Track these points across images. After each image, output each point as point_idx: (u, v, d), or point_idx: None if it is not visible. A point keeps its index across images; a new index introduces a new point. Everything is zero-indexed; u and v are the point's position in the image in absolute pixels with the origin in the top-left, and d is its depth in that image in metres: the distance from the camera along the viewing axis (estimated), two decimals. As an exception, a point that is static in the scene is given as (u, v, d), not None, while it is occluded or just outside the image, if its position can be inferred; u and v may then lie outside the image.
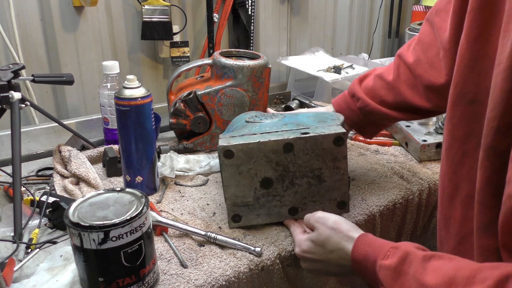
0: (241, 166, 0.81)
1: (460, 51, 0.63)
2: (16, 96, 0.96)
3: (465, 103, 0.63)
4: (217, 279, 0.74)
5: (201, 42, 1.67)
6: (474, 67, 0.60)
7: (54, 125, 1.23)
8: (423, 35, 0.91)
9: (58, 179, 1.02)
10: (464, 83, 0.62)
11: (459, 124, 0.64)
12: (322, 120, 0.89)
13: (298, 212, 0.86)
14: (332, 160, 0.83)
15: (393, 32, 2.31)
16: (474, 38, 0.60)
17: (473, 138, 0.62)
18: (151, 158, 0.95)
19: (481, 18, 0.59)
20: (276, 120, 0.92)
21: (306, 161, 0.82)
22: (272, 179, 0.83)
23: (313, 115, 0.93)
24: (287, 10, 1.89)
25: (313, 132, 0.81)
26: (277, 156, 0.81)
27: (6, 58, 1.29)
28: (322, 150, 0.82)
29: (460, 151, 0.65)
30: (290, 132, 0.83)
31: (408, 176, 1.08)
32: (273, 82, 1.60)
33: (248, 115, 0.98)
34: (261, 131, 0.85)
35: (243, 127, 0.91)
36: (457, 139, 0.65)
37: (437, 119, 1.23)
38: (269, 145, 0.80)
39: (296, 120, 0.90)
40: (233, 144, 0.80)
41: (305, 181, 0.84)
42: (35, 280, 0.71)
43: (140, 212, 0.65)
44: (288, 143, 0.81)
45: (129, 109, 0.89)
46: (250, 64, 1.13)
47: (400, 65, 0.95)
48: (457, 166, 0.66)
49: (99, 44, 1.45)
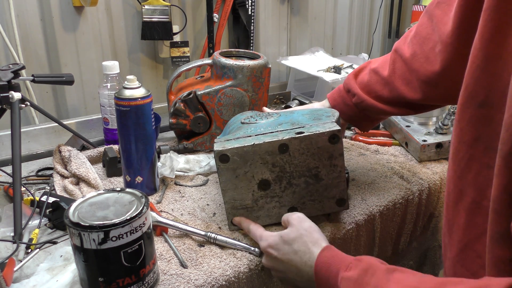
0: (238, 170, 0.81)
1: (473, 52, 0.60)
2: (16, 96, 0.96)
3: (475, 106, 0.60)
4: (217, 279, 0.74)
5: (201, 42, 1.67)
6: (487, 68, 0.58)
7: (54, 125, 1.23)
8: (420, 27, 0.89)
9: (58, 179, 1.02)
10: (475, 85, 0.60)
11: (467, 128, 0.62)
12: (317, 118, 0.88)
13: (298, 212, 0.86)
14: (328, 158, 0.82)
15: (393, 32, 2.31)
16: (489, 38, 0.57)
17: (481, 142, 0.60)
18: (151, 158, 0.95)
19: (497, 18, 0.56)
20: (271, 120, 0.92)
21: (302, 160, 0.82)
22: (269, 180, 0.83)
23: (308, 113, 0.93)
24: (287, 10, 1.89)
25: (307, 131, 0.81)
26: (273, 158, 0.81)
27: (6, 58, 1.29)
28: (318, 149, 0.81)
29: (467, 155, 0.63)
30: (285, 133, 0.83)
31: (408, 176, 1.08)
32: (273, 82, 1.60)
33: (243, 116, 0.98)
34: (256, 133, 0.85)
35: (239, 128, 0.91)
36: (464, 143, 0.63)
37: (437, 119, 1.23)
38: (264, 147, 0.80)
39: (291, 118, 0.90)
40: (228, 148, 0.80)
41: (303, 180, 0.84)
42: (35, 280, 0.71)
43: (140, 212, 0.65)
44: (283, 144, 0.80)
45: (129, 110, 0.89)
46: (250, 64, 1.13)
47: (396, 60, 0.93)
48: (463, 171, 0.64)
49: (99, 44, 1.45)
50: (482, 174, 0.59)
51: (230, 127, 0.96)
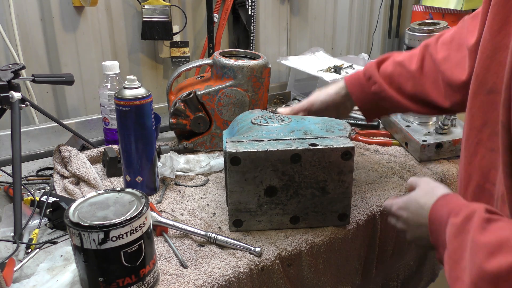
0: (247, 173, 0.81)
1: (483, 43, 0.64)
2: (16, 96, 0.96)
3: (484, 92, 0.64)
4: (217, 279, 0.74)
5: (201, 42, 1.67)
6: (495, 58, 0.62)
7: (54, 125, 1.23)
8: (457, 34, 0.90)
9: (58, 179, 1.02)
10: (485, 74, 0.64)
11: (477, 114, 0.65)
12: (330, 129, 0.90)
13: (299, 221, 0.86)
14: (338, 173, 0.83)
15: (393, 32, 2.31)
16: (497, 30, 0.62)
17: (488, 127, 0.62)
18: (151, 158, 0.95)
19: (503, 11, 0.61)
20: (283, 124, 0.92)
21: (312, 172, 0.82)
22: (277, 187, 0.83)
23: (320, 122, 0.94)
24: (287, 10, 1.89)
25: (321, 145, 0.81)
26: (284, 166, 0.81)
27: (6, 58, 1.29)
28: (329, 163, 0.82)
29: (476, 140, 0.65)
30: (298, 142, 0.83)
31: (408, 176, 1.08)
32: (273, 82, 1.60)
33: (253, 115, 0.97)
34: (268, 137, 0.86)
35: (249, 129, 0.91)
36: (474, 128, 0.66)
37: (437, 119, 1.23)
38: (276, 154, 0.80)
39: (303, 126, 0.91)
40: (241, 151, 0.80)
41: (309, 192, 0.84)
42: (35, 280, 0.71)
43: (140, 212, 0.65)
44: (296, 154, 0.81)
45: (129, 109, 0.89)
46: (250, 64, 1.13)
47: (425, 57, 0.93)
48: (472, 156, 0.66)
49: (99, 44, 1.45)
50: (486, 157, 0.62)
51: (239, 125, 0.96)
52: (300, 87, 1.73)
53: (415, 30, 1.23)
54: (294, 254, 0.82)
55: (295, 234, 0.86)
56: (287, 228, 0.87)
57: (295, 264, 0.83)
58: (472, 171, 0.66)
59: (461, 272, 0.56)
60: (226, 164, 0.82)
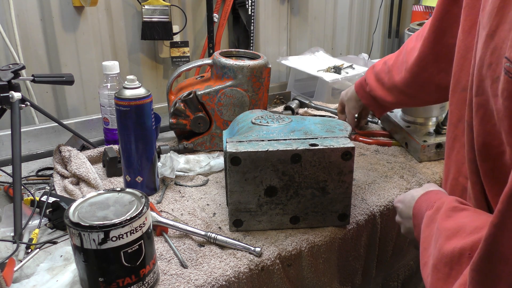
0: (247, 173, 0.81)
1: (458, 43, 0.67)
2: (16, 96, 0.96)
3: (459, 90, 0.67)
4: (217, 279, 0.74)
5: (201, 42, 1.67)
6: (467, 57, 0.65)
7: (54, 125, 1.23)
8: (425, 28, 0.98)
9: (58, 179, 1.02)
10: (460, 72, 0.67)
11: (454, 111, 0.69)
12: (330, 130, 0.90)
13: (299, 221, 0.86)
14: (338, 174, 0.83)
15: (393, 32, 2.31)
16: (467, 30, 0.65)
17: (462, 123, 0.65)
18: (151, 158, 0.95)
19: (473, 13, 0.63)
20: (283, 124, 0.92)
21: (312, 172, 0.82)
22: (277, 188, 0.83)
23: (320, 122, 0.94)
24: (287, 10, 1.89)
25: (321, 145, 0.82)
26: (284, 166, 0.81)
27: (6, 58, 1.29)
28: (329, 163, 0.82)
29: (453, 136, 0.69)
30: (299, 142, 0.83)
31: (408, 176, 1.08)
32: (273, 82, 1.60)
33: (254, 115, 0.97)
34: (269, 137, 0.86)
35: (250, 129, 0.91)
36: (451, 124, 0.70)
37: (437, 119, 1.23)
38: (277, 154, 0.80)
39: (304, 127, 0.91)
40: (241, 151, 0.80)
41: (309, 192, 0.84)
42: (35, 280, 0.71)
43: (140, 212, 0.65)
44: (296, 154, 0.81)
45: (129, 109, 0.89)
46: (250, 64, 1.13)
47: (401, 51, 1.05)
48: (450, 151, 0.70)
49: (99, 44, 1.45)
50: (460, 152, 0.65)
51: (239, 125, 0.96)
52: (300, 87, 1.74)
53: (414, 30, 1.23)
54: (294, 254, 0.82)
55: (295, 234, 0.86)
56: (287, 228, 0.87)
57: (295, 264, 0.83)
58: (450, 165, 0.70)
59: (428, 258, 0.59)
60: (226, 164, 0.82)
